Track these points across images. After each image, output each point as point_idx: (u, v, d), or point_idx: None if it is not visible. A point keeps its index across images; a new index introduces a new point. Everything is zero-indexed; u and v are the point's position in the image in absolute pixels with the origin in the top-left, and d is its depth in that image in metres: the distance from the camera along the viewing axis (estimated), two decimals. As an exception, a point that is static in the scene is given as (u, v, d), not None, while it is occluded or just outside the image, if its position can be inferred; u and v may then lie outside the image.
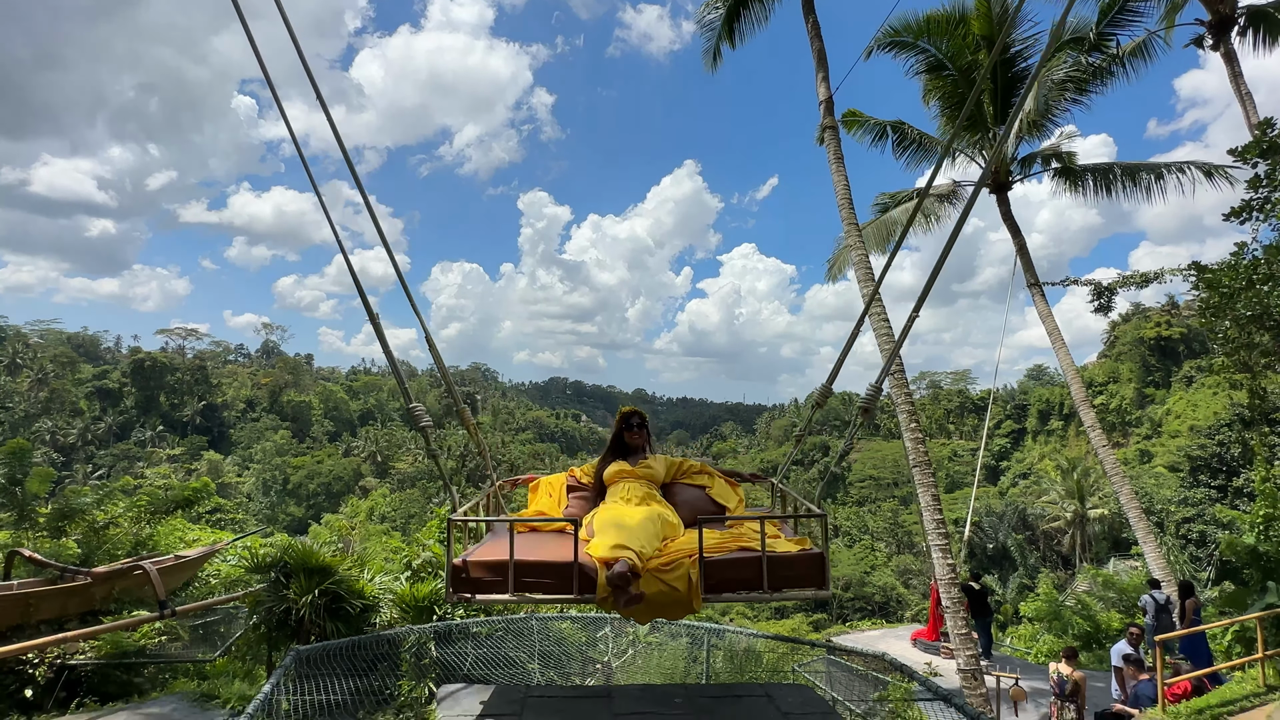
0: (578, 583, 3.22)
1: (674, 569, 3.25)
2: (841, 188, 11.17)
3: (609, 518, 3.61)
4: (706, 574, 3.29)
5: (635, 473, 4.14)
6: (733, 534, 3.67)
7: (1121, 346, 58.88)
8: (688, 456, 4.80)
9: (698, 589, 3.22)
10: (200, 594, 9.35)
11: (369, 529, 32.86)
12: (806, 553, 3.43)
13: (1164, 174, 15.10)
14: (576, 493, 4.39)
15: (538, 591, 3.27)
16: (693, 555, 3.31)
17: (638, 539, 3.35)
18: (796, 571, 3.36)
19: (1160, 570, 12.88)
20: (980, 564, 37.28)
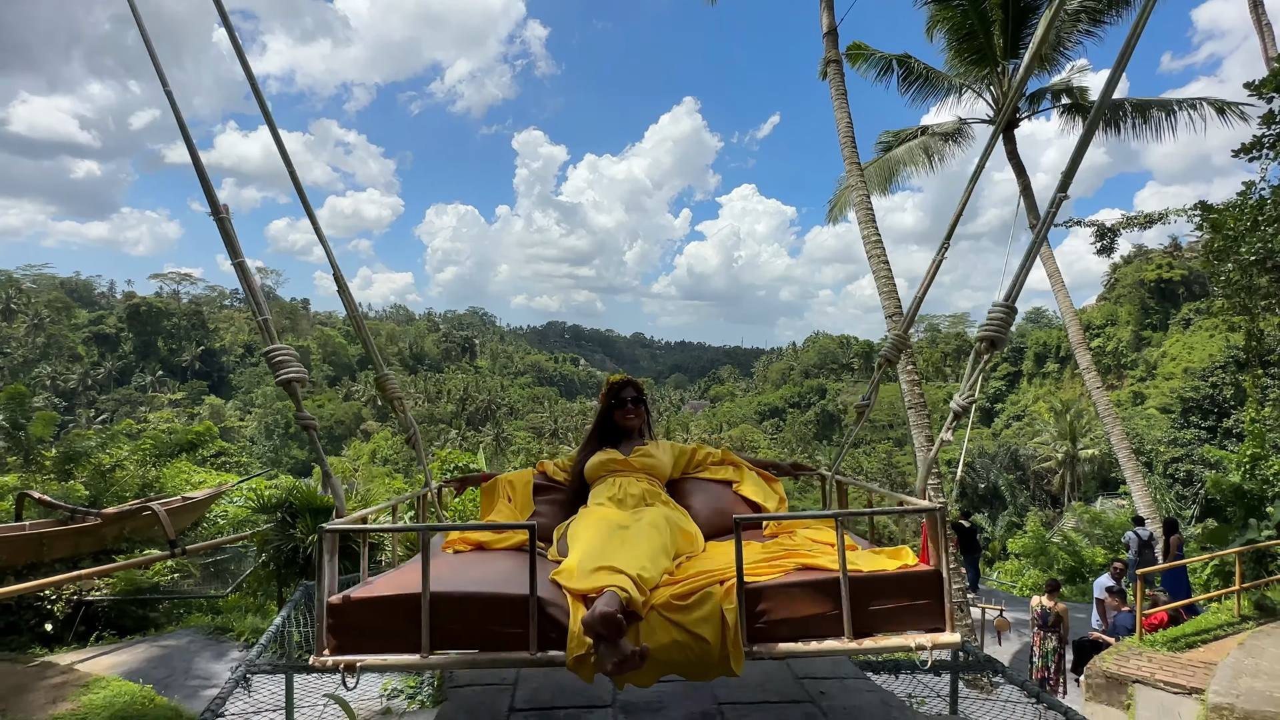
0: (536, 632, 2.02)
1: (697, 604, 2.08)
2: (844, 125, 10.88)
3: (591, 527, 2.45)
4: (752, 611, 2.09)
5: (630, 464, 2.94)
6: (782, 546, 2.49)
7: (1121, 289, 58.67)
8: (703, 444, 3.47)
9: (738, 637, 2.03)
10: (209, 534, 9.59)
11: (372, 471, 33.38)
12: (911, 572, 2.19)
13: (1175, 111, 14.71)
14: (547, 495, 3.18)
15: (470, 646, 2.10)
16: (728, 580, 2.13)
17: (636, 558, 2.18)
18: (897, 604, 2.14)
19: (1146, 508, 13.20)
20: (971, 503, 38.16)
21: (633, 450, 3.01)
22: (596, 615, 1.89)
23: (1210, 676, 6.81)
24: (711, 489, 3.12)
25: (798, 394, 78.71)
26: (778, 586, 2.14)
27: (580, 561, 2.17)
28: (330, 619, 2.08)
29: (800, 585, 2.13)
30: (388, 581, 2.33)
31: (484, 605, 2.08)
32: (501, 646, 2.06)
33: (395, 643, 2.07)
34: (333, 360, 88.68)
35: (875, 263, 10.31)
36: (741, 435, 64.69)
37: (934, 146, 16.58)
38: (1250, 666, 6.96)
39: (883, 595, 2.13)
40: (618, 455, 2.98)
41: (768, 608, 2.11)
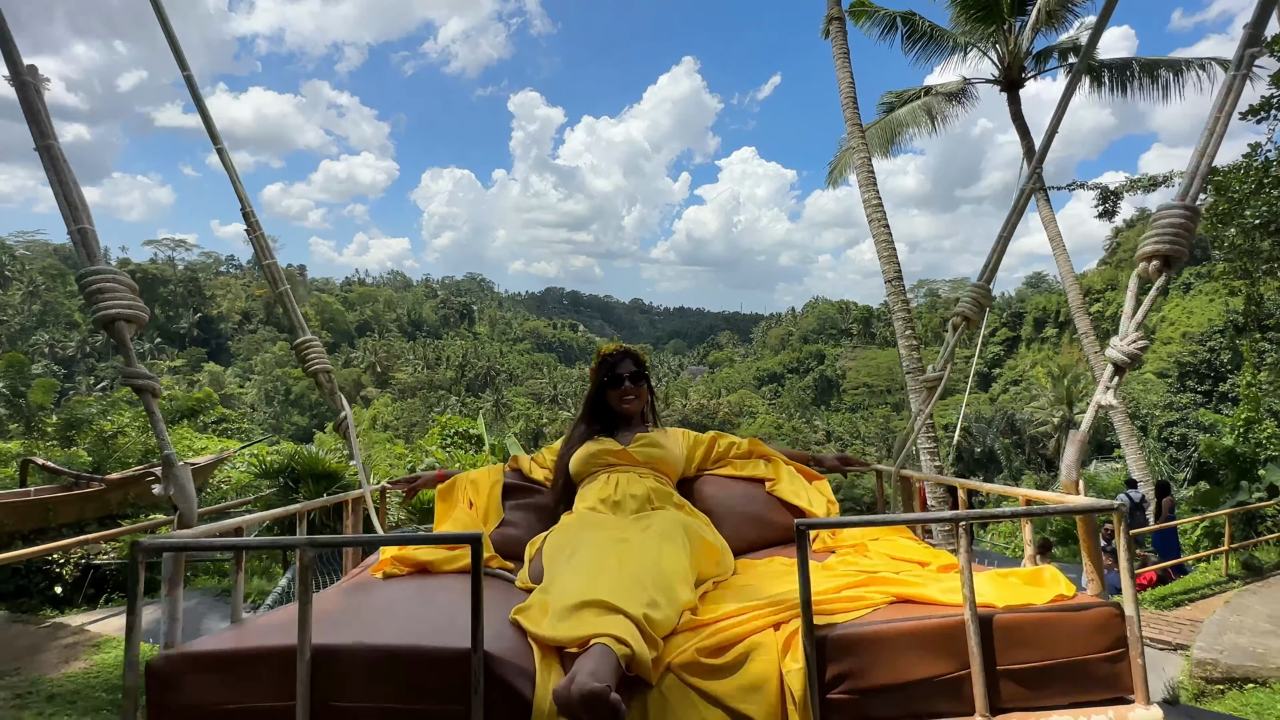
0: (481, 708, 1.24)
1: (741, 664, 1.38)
2: (846, 85, 10.67)
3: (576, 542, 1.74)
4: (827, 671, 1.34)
5: (630, 456, 2.29)
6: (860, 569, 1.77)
7: (1123, 253, 58.34)
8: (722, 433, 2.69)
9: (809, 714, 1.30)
10: (213, 499, 9.71)
11: (372, 437, 33.61)
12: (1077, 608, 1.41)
13: (1183, 71, 14.42)
14: (521, 497, 2.50)
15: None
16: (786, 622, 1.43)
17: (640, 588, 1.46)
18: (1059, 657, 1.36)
19: (1139, 471, 13.36)
20: (967, 467, 38.60)
21: (634, 439, 2.36)
22: (577, 692, 1.14)
23: (1196, 633, 6.98)
24: (738, 488, 2.44)
25: (796, 359, 78.87)
26: (867, 632, 1.35)
27: (556, 594, 1.44)
28: (149, 691, 1.29)
29: (903, 630, 1.35)
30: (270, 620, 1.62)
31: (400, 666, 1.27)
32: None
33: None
34: (330, 327, 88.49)
35: (876, 227, 10.22)
36: (740, 401, 65.05)
37: (937, 107, 16.29)
38: (1235, 623, 7.13)
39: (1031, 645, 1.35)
40: (614, 445, 2.32)
41: (852, 667, 1.32)
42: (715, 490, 2.45)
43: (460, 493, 2.53)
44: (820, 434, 58.24)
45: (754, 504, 2.40)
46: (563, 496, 2.36)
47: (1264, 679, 5.76)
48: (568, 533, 1.86)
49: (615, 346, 2.56)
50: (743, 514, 2.35)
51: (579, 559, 1.60)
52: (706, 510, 2.29)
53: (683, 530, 1.81)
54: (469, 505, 2.46)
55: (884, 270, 10.12)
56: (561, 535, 1.87)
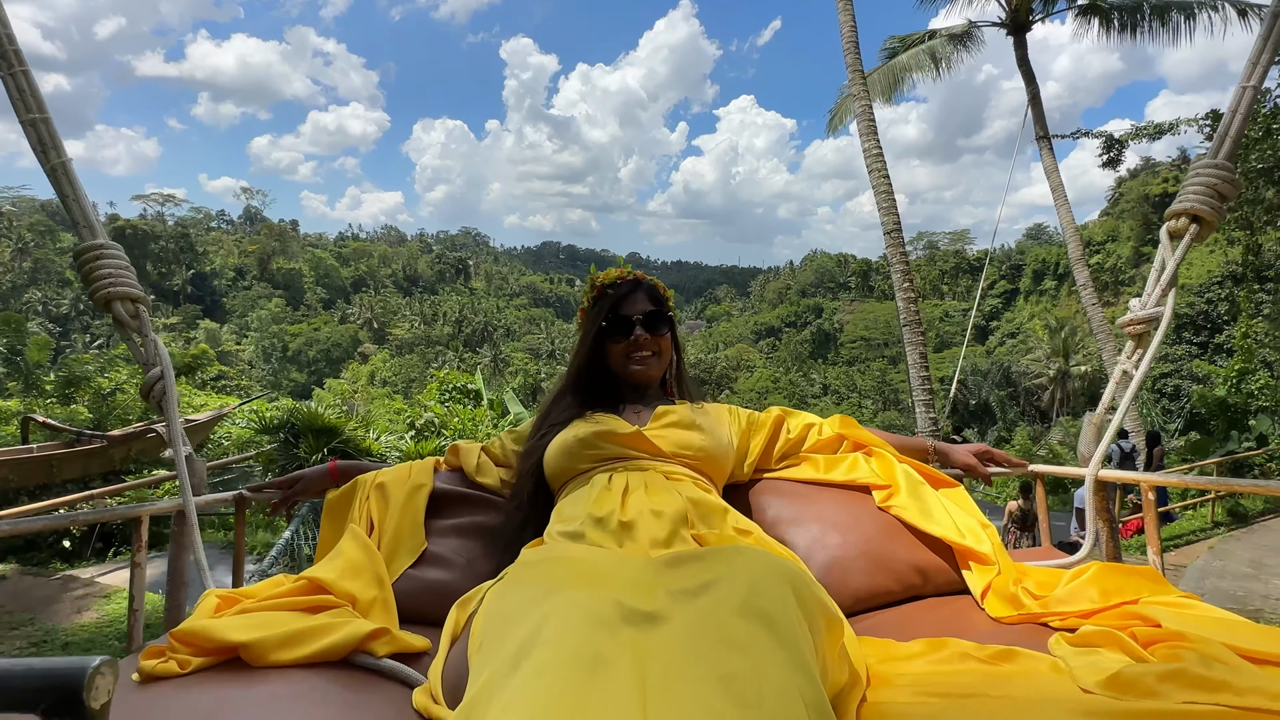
0: None
1: None
2: (848, 29, 10.35)
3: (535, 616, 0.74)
4: None
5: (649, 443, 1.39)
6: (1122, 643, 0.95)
7: (1125, 204, 57.70)
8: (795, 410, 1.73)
9: None
10: (215, 454, 9.81)
11: (371, 392, 33.78)
12: None
13: (1195, 12, 13.98)
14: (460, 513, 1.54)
15: None
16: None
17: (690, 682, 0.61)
18: None
19: (1132, 422, 13.49)
20: (962, 419, 38.97)
21: (653, 415, 1.51)
22: None
23: (1179, 578, 7.18)
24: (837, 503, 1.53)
25: (794, 313, 78.74)
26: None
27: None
28: None
29: None
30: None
31: None
32: None
33: None
34: (325, 283, 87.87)
35: (876, 178, 10.06)
36: (737, 355, 65.21)
37: (941, 51, 15.84)
38: (1217, 568, 7.33)
39: None
40: (621, 424, 1.44)
41: None
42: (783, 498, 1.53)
43: (359, 506, 1.52)
44: (817, 387, 58.56)
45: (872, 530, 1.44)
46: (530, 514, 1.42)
47: (1242, 620, 5.95)
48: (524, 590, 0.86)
49: (621, 272, 1.63)
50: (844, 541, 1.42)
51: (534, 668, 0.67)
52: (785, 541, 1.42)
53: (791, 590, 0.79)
54: (370, 524, 1.47)
55: (883, 222, 10.01)
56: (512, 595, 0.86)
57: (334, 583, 1.23)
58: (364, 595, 1.25)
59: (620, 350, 1.54)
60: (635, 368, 1.54)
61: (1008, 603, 1.22)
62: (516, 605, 0.82)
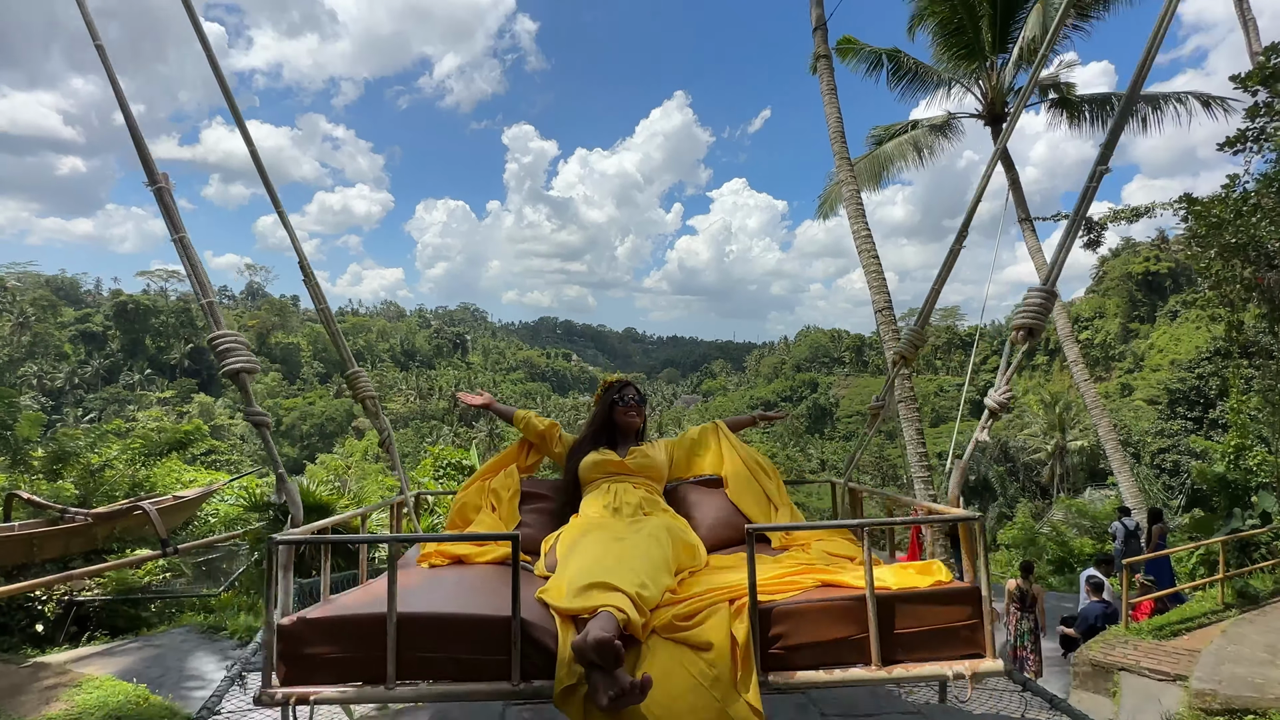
0: (519, 658, 1.78)
1: (704, 623, 1.87)
2: (834, 120, 10.92)
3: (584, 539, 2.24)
4: (766, 633, 1.86)
5: (626, 466, 2.81)
6: (798, 561, 2.31)
7: (1109, 282, 59.17)
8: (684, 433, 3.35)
9: (750, 662, 1.79)
10: (201, 533, 9.57)
11: (365, 468, 33.32)
12: (946, 589, 1.96)
13: (1161, 105, 14.83)
14: (535, 504, 2.99)
15: (442, 678, 1.83)
16: (738, 599, 1.90)
17: (633, 573, 1.92)
18: (931, 626, 1.91)
19: (1133, 499, 13.36)
20: (962, 494, 38.45)
21: (629, 452, 2.90)
22: (590, 641, 1.61)
23: (1194, 664, 6.92)
24: (714, 497, 2.92)
25: (790, 388, 78.96)
26: (795, 606, 1.89)
27: (570, 578, 1.92)
28: (280, 644, 1.78)
29: (820, 605, 1.89)
30: (351, 599, 2.12)
31: (460, 628, 1.81)
32: (479, 676, 1.78)
33: (356, 672, 1.79)
34: (323, 357, 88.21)
35: (865, 257, 10.36)
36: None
37: (923, 140, 16.64)
38: (1232, 653, 7.08)
39: (914, 616, 1.89)
40: (614, 456, 2.86)
41: (784, 630, 1.86)
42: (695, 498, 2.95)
43: (485, 500, 3.01)
44: (815, 462, 58.04)
45: (723, 511, 2.85)
46: (570, 498, 2.89)
47: (1263, 709, 5.71)
48: (575, 532, 2.37)
49: (619, 377, 3.26)
50: (716, 518, 2.82)
51: (587, 552, 2.10)
52: (687, 515, 2.78)
53: (667, 533, 2.30)
54: (491, 509, 2.95)
55: (874, 300, 10.23)
56: (572, 534, 2.37)
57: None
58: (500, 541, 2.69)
59: (621, 411, 3.04)
60: (627, 419, 3.03)
61: (777, 540, 2.66)
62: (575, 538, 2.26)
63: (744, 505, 2.86)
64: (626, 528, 2.32)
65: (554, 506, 2.93)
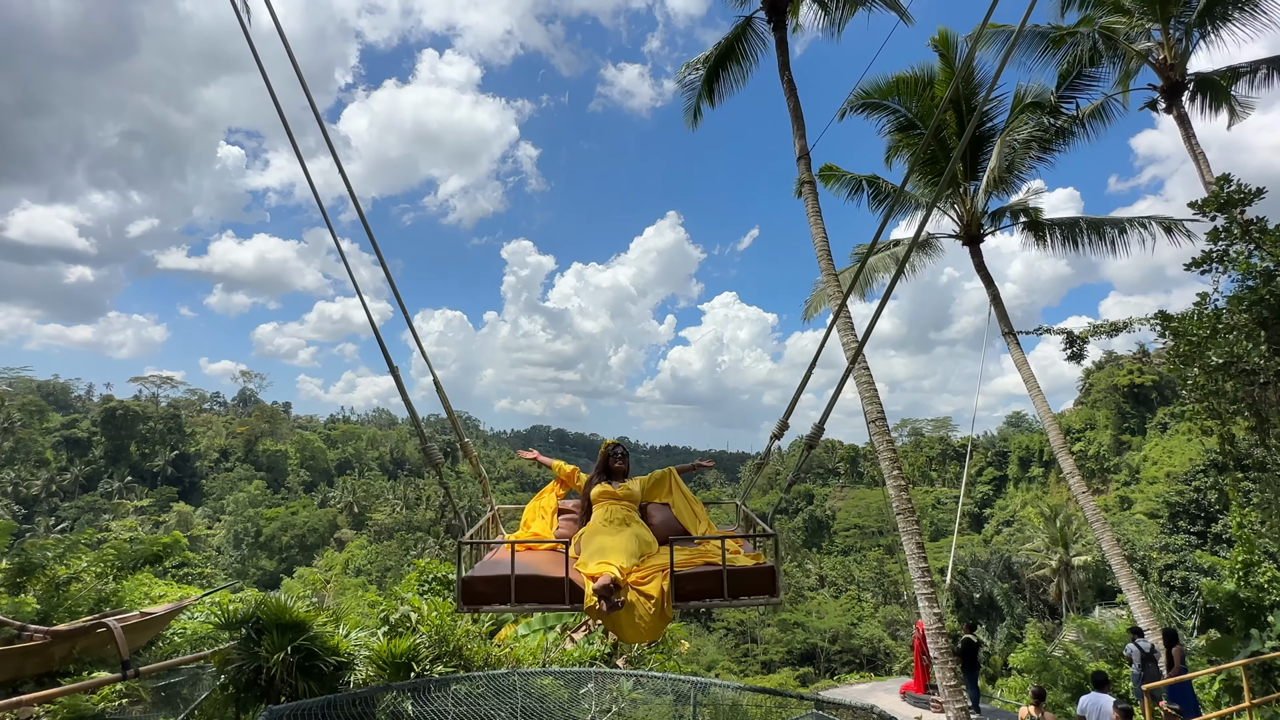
0: (569, 594, 3.78)
1: (649, 581, 3.82)
2: (820, 240, 11.47)
3: (595, 539, 4.22)
4: (676, 585, 3.82)
5: (616, 494, 4.69)
6: (700, 551, 4.28)
7: (1096, 394, 59.93)
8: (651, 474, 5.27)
9: (668, 597, 3.77)
10: (165, 653, 8.96)
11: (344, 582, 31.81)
12: (760, 566, 3.98)
13: (1126, 229, 15.71)
14: (566, 515, 5.07)
15: (534, 602, 3.81)
16: (665, 570, 3.84)
17: (619, 556, 3.93)
18: (752, 582, 3.87)
19: (1145, 618, 12.84)
20: (967, 614, 36.88)
21: (620, 485, 4.75)
22: (600, 584, 3.59)
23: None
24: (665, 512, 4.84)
25: (784, 500, 77.59)
26: (691, 574, 3.89)
27: (589, 558, 3.99)
28: (464, 588, 3.85)
29: (704, 573, 3.90)
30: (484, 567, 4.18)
31: (542, 581, 3.84)
32: (552, 602, 3.83)
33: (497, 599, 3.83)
34: (310, 465, 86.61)
35: (856, 370, 10.54)
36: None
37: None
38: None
39: (745, 579, 3.88)
40: (609, 487, 4.71)
41: (685, 583, 3.84)
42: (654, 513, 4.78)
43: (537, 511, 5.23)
44: (813, 579, 55.97)
45: (671, 521, 4.76)
46: (585, 512, 4.71)
47: None
48: (591, 533, 4.34)
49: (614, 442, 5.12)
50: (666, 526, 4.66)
51: (597, 544, 4.12)
52: (649, 524, 4.61)
53: (636, 536, 4.25)
54: (542, 518, 5.11)
55: (866, 411, 10.30)
56: (588, 535, 4.31)
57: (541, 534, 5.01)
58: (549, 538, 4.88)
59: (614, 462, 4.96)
60: (616, 466, 4.94)
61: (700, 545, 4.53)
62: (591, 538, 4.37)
63: (682, 519, 4.83)
64: (617, 531, 4.29)
65: (577, 516, 4.85)
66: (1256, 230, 9.79)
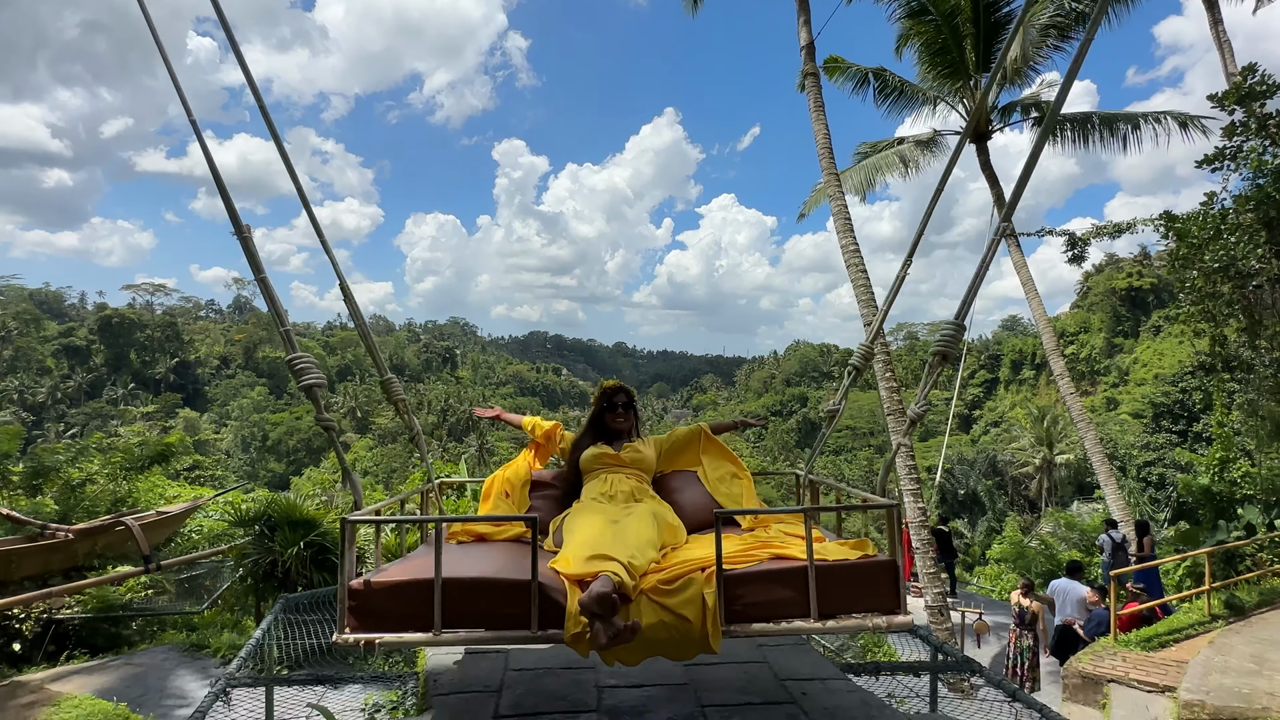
0: (538, 611, 2.21)
1: (681, 588, 2.28)
2: (822, 136, 11.06)
3: (586, 520, 2.65)
4: (729, 595, 2.27)
5: (620, 459, 3.20)
6: (757, 539, 2.70)
7: (1094, 297, 59.90)
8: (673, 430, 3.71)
9: (716, 617, 2.23)
10: (184, 549, 9.41)
11: (351, 483, 32.72)
12: (871, 561, 2.40)
13: (1140, 124, 15.13)
14: (542, 491, 3.38)
15: (474, 627, 2.24)
16: (708, 568, 2.31)
17: (626, 547, 2.36)
18: (858, 589, 2.35)
19: (1120, 511, 13.45)
20: (951, 509, 38.55)
21: (623, 447, 3.31)
22: (593, 595, 2.08)
23: (1182, 675, 6.95)
24: (694, 486, 3.36)
25: (779, 402, 79.13)
26: (752, 574, 2.36)
27: (576, 551, 2.38)
28: (351, 601, 2.28)
29: (772, 573, 2.36)
30: (400, 569, 2.55)
31: (490, 589, 2.27)
32: (506, 626, 2.25)
33: (410, 623, 2.24)
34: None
35: (854, 271, 10.46)
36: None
37: (909, 155, 16.88)
38: (1220, 664, 7.12)
39: (845, 582, 2.35)
40: (609, 450, 3.26)
41: (743, 592, 2.31)
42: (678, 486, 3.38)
43: (500, 484, 3.42)
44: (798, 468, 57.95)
45: (702, 499, 3.28)
46: (572, 487, 3.27)
47: (1250, 719, 5.73)
48: (579, 515, 2.78)
49: (614, 383, 3.53)
50: (695, 504, 3.23)
51: (589, 530, 2.54)
52: (671, 501, 3.16)
53: (653, 516, 2.72)
54: (505, 496, 3.36)
55: (862, 314, 10.31)
56: (575, 517, 2.78)
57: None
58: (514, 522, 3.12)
59: (610, 417, 3.40)
60: (615, 425, 3.38)
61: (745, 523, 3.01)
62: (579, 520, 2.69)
63: (719, 494, 3.28)
64: (620, 511, 2.78)
65: (558, 494, 3.34)
66: (1275, 125, 9.44)
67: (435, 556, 2.23)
